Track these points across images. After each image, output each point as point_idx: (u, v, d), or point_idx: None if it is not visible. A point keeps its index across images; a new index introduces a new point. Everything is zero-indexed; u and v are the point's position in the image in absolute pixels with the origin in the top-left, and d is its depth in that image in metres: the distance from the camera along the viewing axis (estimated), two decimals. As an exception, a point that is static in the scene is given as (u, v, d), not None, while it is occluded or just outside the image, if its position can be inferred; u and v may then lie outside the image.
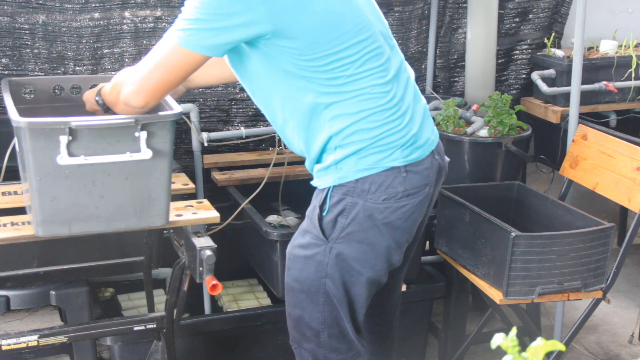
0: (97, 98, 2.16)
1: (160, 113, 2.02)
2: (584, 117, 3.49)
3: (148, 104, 1.96)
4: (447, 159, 2.23)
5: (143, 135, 1.94)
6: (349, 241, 2.05)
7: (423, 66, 3.86)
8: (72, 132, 1.88)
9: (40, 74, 3.12)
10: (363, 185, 2.02)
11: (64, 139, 1.87)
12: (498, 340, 1.06)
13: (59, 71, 3.15)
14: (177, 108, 2.03)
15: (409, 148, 2.05)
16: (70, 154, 1.89)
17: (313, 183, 2.13)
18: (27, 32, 3.08)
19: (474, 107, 3.42)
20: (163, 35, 1.96)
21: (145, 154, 1.95)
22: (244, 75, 2.08)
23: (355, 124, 2.00)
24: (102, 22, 3.15)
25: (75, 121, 1.87)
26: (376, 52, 2.03)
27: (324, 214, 2.06)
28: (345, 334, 2.15)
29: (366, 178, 2.02)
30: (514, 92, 3.99)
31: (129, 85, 1.95)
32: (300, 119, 2.03)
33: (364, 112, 2.00)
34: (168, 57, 1.93)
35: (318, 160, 2.08)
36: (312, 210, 2.10)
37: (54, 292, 2.67)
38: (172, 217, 2.14)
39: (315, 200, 2.10)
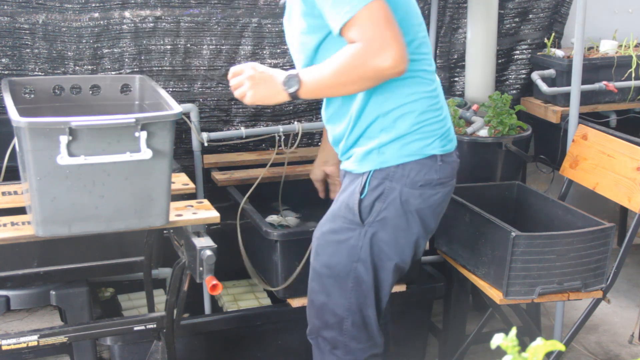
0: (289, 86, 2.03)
1: (160, 113, 2.02)
2: (584, 117, 3.49)
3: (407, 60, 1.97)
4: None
5: (143, 135, 1.94)
6: (383, 225, 2.11)
7: (423, 66, 3.86)
8: (72, 132, 1.88)
9: (40, 74, 3.12)
10: (403, 171, 2.08)
11: (64, 139, 1.87)
12: (498, 340, 1.06)
13: (59, 71, 3.15)
14: (177, 108, 2.03)
15: (445, 139, 2.14)
16: (70, 154, 1.89)
17: (347, 167, 2.17)
18: (27, 32, 3.08)
19: (474, 107, 3.42)
20: (347, 18, 1.94)
21: (145, 154, 1.95)
22: (322, 43, 2.08)
23: (404, 106, 2.07)
24: (102, 22, 3.15)
25: (75, 121, 1.87)
26: (426, 40, 2.14)
27: (362, 197, 2.10)
28: (367, 322, 2.19)
29: (407, 164, 2.08)
30: (514, 92, 3.99)
31: (383, 52, 1.91)
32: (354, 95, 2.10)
33: (414, 95, 2.07)
34: (375, 16, 1.92)
35: (354, 142, 2.14)
36: (350, 194, 2.13)
37: (54, 292, 2.67)
38: (172, 217, 2.14)
39: (353, 185, 2.14)
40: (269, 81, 2.02)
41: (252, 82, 2.03)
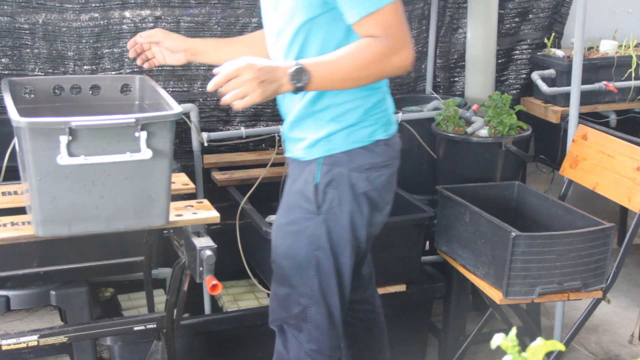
0: (297, 85, 1.96)
1: (160, 113, 2.01)
2: (584, 117, 3.49)
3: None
4: None
5: (143, 135, 1.93)
6: (338, 211, 2.14)
7: (423, 66, 3.86)
8: (72, 132, 1.88)
9: (40, 74, 3.12)
10: (350, 157, 2.12)
11: (64, 139, 1.87)
12: (498, 340, 1.06)
13: (59, 71, 3.15)
14: (177, 108, 2.03)
15: (388, 124, 2.18)
16: (70, 154, 1.89)
17: (295, 154, 2.19)
18: (27, 32, 3.08)
19: (474, 107, 3.42)
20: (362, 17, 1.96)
21: (145, 154, 1.95)
22: (303, 25, 2.07)
23: (356, 100, 2.10)
24: (102, 22, 3.15)
25: (75, 121, 1.87)
26: None
27: (316, 183, 2.13)
28: (331, 311, 2.22)
29: (353, 150, 2.12)
30: (514, 92, 3.99)
31: (402, 51, 1.98)
32: None
33: (367, 91, 2.10)
34: (399, 15, 1.98)
35: (298, 122, 2.15)
36: (304, 183, 2.15)
37: (54, 292, 2.67)
38: (172, 217, 2.13)
39: (304, 174, 2.16)
40: (272, 74, 1.93)
41: (257, 82, 1.90)
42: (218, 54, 2.38)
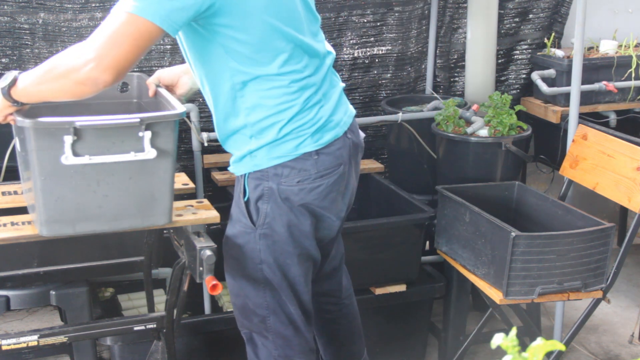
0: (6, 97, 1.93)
1: (165, 113, 2.01)
2: (584, 117, 3.49)
3: (116, 80, 1.86)
4: (362, 134, 2.28)
5: (147, 135, 1.93)
6: (273, 225, 2.11)
7: (423, 66, 3.86)
8: (77, 131, 1.88)
9: (40, 73, 3.12)
10: (276, 170, 2.07)
11: (68, 139, 1.87)
12: (498, 340, 1.07)
13: (59, 71, 3.14)
14: (180, 107, 2.03)
15: (319, 133, 2.09)
16: (75, 154, 1.89)
17: (229, 168, 2.19)
18: (27, 32, 3.08)
19: (474, 107, 3.43)
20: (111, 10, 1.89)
21: (150, 153, 1.95)
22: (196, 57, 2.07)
23: (270, 117, 2.04)
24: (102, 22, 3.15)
25: (80, 121, 1.87)
26: (301, 48, 2.08)
27: (245, 199, 2.12)
28: (291, 319, 2.20)
29: (279, 165, 2.07)
30: (514, 92, 4.00)
31: (90, 62, 1.83)
32: (224, 99, 2.07)
33: (280, 106, 2.04)
34: (125, 28, 1.86)
35: (226, 139, 2.13)
36: (238, 198, 2.15)
37: (54, 292, 2.67)
38: (172, 217, 2.14)
39: (238, 188, 2.16)
40: None
41: None
42: None
